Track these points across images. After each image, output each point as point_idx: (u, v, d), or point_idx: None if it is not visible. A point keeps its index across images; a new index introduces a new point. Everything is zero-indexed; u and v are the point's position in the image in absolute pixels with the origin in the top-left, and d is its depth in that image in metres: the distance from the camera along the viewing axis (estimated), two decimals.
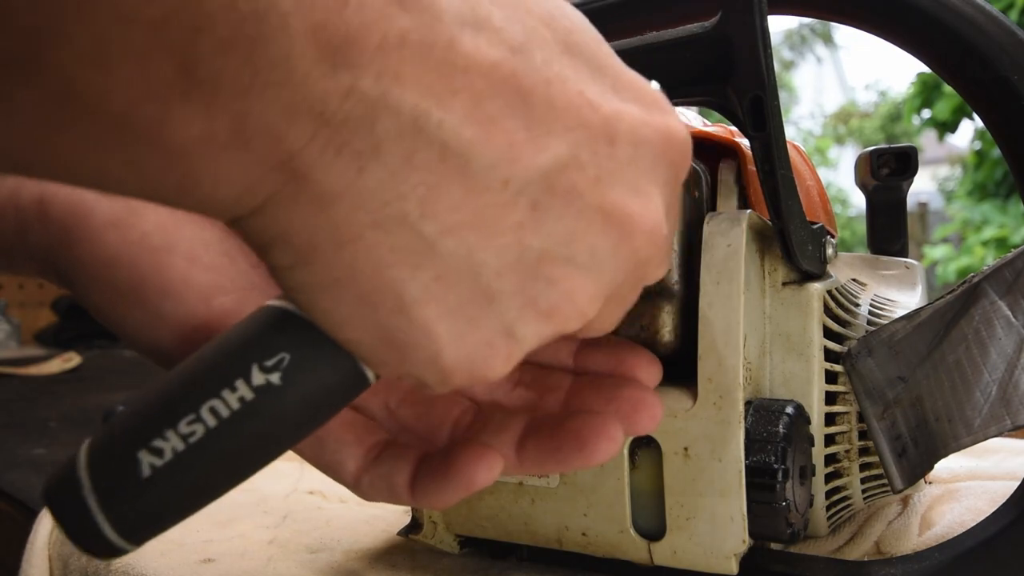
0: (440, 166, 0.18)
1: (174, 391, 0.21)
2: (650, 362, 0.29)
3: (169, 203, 0.18)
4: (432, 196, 0.18)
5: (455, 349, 0.20)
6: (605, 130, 0.20)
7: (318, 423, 0.22)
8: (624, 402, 0.27)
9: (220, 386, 0.20)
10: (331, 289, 0.19)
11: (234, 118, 0.16)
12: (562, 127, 0.19)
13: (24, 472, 0.65)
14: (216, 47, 0.15)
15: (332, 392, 0.21)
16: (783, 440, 0.31)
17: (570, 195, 0.20)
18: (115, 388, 1.03)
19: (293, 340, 0.21)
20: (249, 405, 0.20)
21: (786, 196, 0.31)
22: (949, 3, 0.32)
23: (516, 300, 0.20)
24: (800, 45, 12.03)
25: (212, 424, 0.20)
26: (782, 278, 0.34)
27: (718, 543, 0.31)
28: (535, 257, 0.20)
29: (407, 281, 0.19)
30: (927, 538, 0.38)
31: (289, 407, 0.21)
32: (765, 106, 0.29)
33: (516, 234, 0.19)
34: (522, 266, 0.20)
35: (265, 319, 0.21)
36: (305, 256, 0.19)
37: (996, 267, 0.32)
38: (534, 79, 0.19)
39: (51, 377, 1.27)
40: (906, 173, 0.47)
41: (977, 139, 5.18)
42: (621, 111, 0.21)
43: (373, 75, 0.17)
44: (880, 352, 0.34)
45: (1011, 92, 0.31)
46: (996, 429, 0.32)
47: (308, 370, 0.21)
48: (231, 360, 0.21)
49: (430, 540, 0.38)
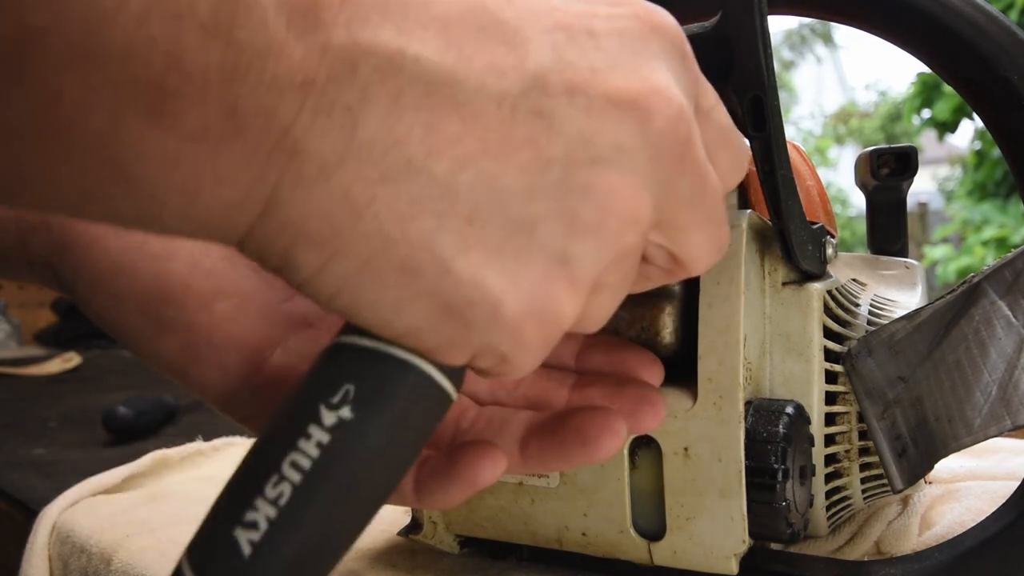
0: (430, 100, 0.18)
1: (252, 456, 0.20)
2: (652, 362, 0.29)
3: (173, 226, 0.18)
4: (432, 133, 0.18)
5: (514, 294, 0.19)
6: (583, 26, 0.20)
7: (413, 449, 0.21)
8: (627, 400, 0.26)
9: (294, 437, 0.19)
10: (366, 273, 0.18)
11: (225, 106, 0.16)
12: (538, 32, 0.19)
13: (24, 472, 0.65)
14: (199, 35, 0.15)
15: (412, 409, 0.20)
16: (783, 440, 0.31)
17: (571, 93, 0.19)
18: (115, 388, 1.03)
19: (353, 368, 0.20)
20: (329, 449, 0.19)
21: (786, 196, 0.31)
22: (949, 3, 0.32)
23: (558, 220, 0.19)
24: (800, 45, 12.03)
25: (297, 480, 0.19)
26: (782, 278, 0.34)
27: (718, 543, 0.31)
28: (561, 168, 0.19)
29: (437, 232, 0.18)
30: (927, 538, 0.38)
31: (373, 439, 0.19)
32: (765, 106, 0.29)
33: (532, 149, 0.19)
34: (550, 182, 0.19)
35: (322, 359, 0.20)
36: (328, 245, 0.18)
37: (996, 267, 0.32)
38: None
39: (51, 377, 1.27)
40: (906, 173, 0.47)
41: (977, 139, 5.18)
42: (594, 9, 0.20)
43: (343, 26, 0.17)
44: (880, 352, 0.34)
45: (1011, 92, 0.31)
46: (996, 429, 0.32)
47: (377, 394, 0.19)
48: (298, 408, 0.20)
49: (430, 540, 0.38)
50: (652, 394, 0.27)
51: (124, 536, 0.46)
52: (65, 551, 0.49)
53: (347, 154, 0.17)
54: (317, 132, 0.17)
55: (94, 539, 0.47)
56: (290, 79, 0.16)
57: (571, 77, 0.19)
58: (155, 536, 0.45)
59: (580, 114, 0.19)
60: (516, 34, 0.19)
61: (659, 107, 0.20)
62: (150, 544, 0.44)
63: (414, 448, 0.21)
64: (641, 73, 0.20)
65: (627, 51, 0.20)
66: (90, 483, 0.55)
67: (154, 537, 0.45)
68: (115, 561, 0.43)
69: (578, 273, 0.20)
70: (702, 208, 0.22)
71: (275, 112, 0.16)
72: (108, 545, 0.45)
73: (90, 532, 0.48)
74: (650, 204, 0.20)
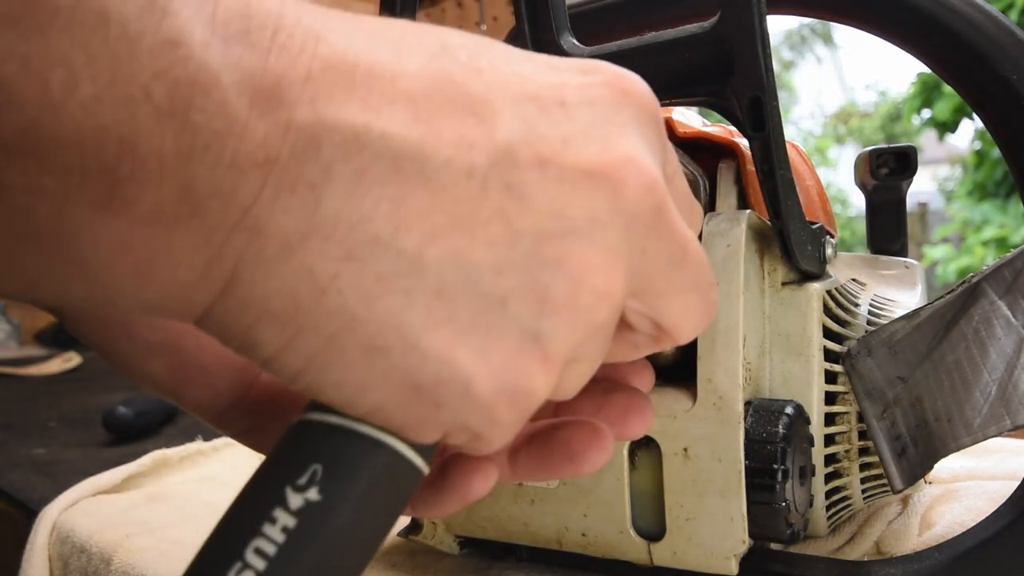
0: (397, 175, 0.17)
1: (214, 540, 0.19)
2: (642, 367, 0.29)
3: (127, 306, 0.17)
4: (399, 208, 0.17)
5: (485, 372, 0.18)
6: (554, 96, 0.19)
7: (384, 526, 0.20)
8: (614, 408, 0.26)
9: (259, 522, 0.18)
10: (331, 351, 0.18)
11: (181, 188, 0.15)
12: (508, 103, 0.19)
13: (24, 472, 0.65)
14: (154, 119, 0.15)
15: (381, 487, 0.19)
16: (783, 440, 0.31)
17: (542, 165, 0.19)
18: (115, 388, 1.03)
19: (320, 447, 0.19)
20: (296, 533, 0.18)
21: (785, 196, 0.31)
22: (949, 3, 0.32)
23: (529, 295, 0.19)
24: (800, 45, 12.03)
25: (262, 568, 0.18)
26: (781, 278, 0.34)
27: (718, 543, 0.31)
28: (532, 241, 0.18)
29: (405, 309, 0.18)
30: (927, 538, 0.38)
31: (341, 520, 0.18)
32: (764, 106, 0.29)
33: (502, 222, 0.18)
34: (521, 255, 0.18)
35: (288, 436, 0.20)
36: (291, 323, 0.17)
37: (995, 267, 0.32)
38: (465, 71, 0.19)
39: (51, 377, 1.27)
40: (906, 173, 0.47)
41: (977, 139, 5.18)
42: (565, 79, 0.20)
43: (307, 103, 0.17)
44: (880, 352, 0.34)
45: (1011, 92, 0.32)
46: (996, 429, 0.32)
47: (346, 474, 0.19)
48: (263, 490, 0.19)
49: (430, 541, 0.38)
50: (641, 401, 0.26)
51: (124, 536, 0.46)
52: (65, 551, 0.49)
53: (310, 231, 0.17)
54: (279, 210, 0.17)
55: (94, 539, 0.47)
56: (251, 158, 0.16)
57: (542, 149, 0.19)
58: (155, 536, 0.45)
59: (551, 186, 0.19)
60: (485, 106, 0.19)
61: (632, 177, 0.19)
62: (150, 544, 0.44)
63: (385, 525, 0.20)
64: (613, 142, 0.20)
65: (599, 120, 0.20)
66: (90, 483, 0.55)
67: (154, 537, 0.45)
68: (115, 561, 0.43)
69: (551, 349, 0.19)
70: (682, 274, 0.22)
71: (235, 192, 0.16)
72: (108, 545, 0.45)
73: (90, 532, 0.48)
74: (624, 276, 0.20)
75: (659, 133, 0.22)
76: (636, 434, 0.26)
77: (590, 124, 0.20)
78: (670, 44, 0.32)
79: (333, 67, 0.17)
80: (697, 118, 0.39)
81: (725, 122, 0.34)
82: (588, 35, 0.35)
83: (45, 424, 0.85)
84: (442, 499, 0.24)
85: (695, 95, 0.32)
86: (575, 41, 0.34)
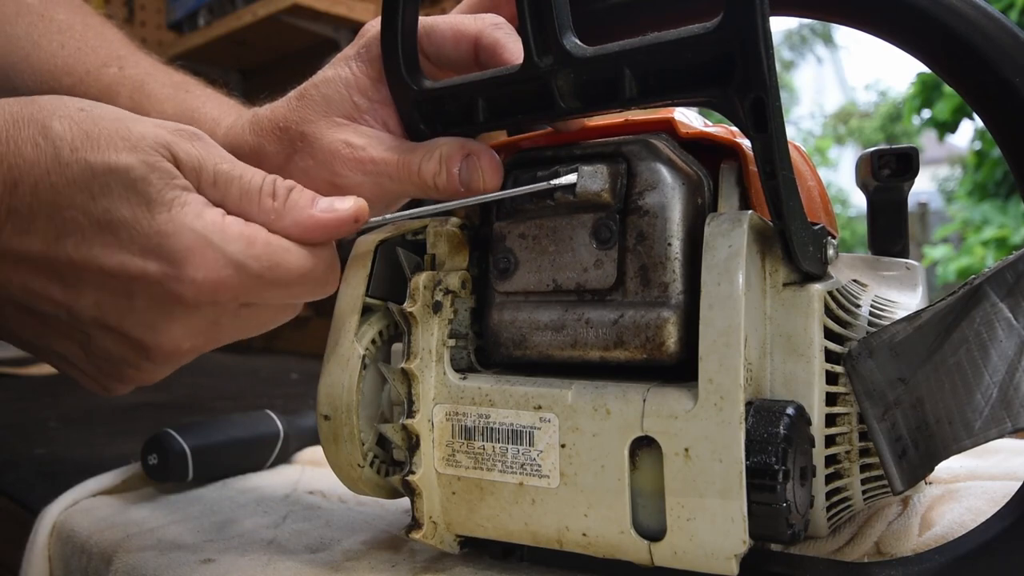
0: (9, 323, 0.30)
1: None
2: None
3: None
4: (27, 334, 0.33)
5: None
6: (124, 289, 0.30)
7: None
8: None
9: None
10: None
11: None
12: (90, 288, 0.30)
13: (24, 472, 0.65)
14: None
15: None
16: (784, 441, 0.30)
17: (105, 331, 0.32)
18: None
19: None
20: None
21: (787, 197, 0.31)
22: (949, 4, 0.32)
23: (99, 371, 0.35)
24: (800, 45, 12.03)
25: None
26: (783, 279, 0.34)
27: (718, 544, 0.31)
28: (101, 359, 0.34)
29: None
30: (927, 539, 0.38)
31: None
32: (767, 107, 0.29)
33: (79, 347, 0.33)
34: (94, 361, 0.34)
35: None
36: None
37: (997, 269, 0.32)
38: (63, 259, 0.29)
39: (51, 377, 1.27)
40: (907, 174, 0.47)
41: (977, 139, 5.18)
42: (144, 271, 0.30)
43: None
44: (881, 353, 0.34)
45: (1011, 93, 0.31)
46: (996, 432, 0.32)
47: None
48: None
49: (430, 540, 0.38)
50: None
51: (124, 536, 0.46)
52: (65, 551, 0.49)
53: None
54: None
55: (94, 539, 0.47)
56: None
57: (108, 321, 0.32)
58: (155, 536, 0.45)
59: (110, 343, 0.34)
60: (73, 287, 0.31)
61: (157, 355, 0.35)
62: (150, 544, 0.44)
63: None
64: (156, 332, 0.34)
65: (151, 313, 0.33)
66: (90, 483, 0.55)
67: (154, 537, 0.45)
68: (115, 561, 0.43)
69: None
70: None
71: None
72: (108, 545, 0.45)
73: (90, 532, 0.48)
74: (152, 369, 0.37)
75: (208, 308, 0.34)
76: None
77: (144, 312, 0.33)
78: (672, 44, 0.32)
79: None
80: (698, 118, 0.39)
81: (726, 122, 0.34)
82: (591, 35, 0.35)
83: (45, 424, 0.85)
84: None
85: (697, 96, 0.32)
86: (577, 41, 0.34)
